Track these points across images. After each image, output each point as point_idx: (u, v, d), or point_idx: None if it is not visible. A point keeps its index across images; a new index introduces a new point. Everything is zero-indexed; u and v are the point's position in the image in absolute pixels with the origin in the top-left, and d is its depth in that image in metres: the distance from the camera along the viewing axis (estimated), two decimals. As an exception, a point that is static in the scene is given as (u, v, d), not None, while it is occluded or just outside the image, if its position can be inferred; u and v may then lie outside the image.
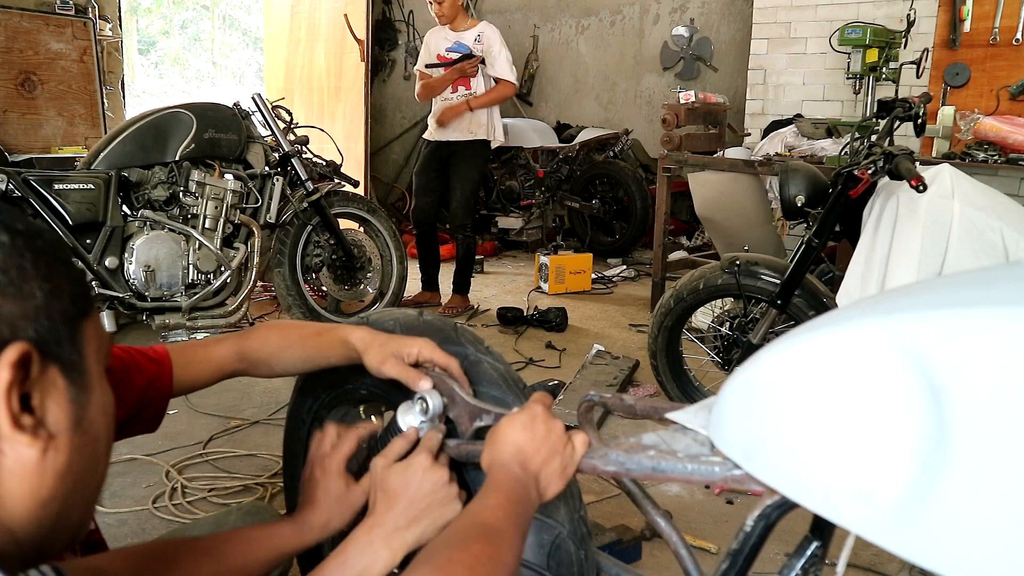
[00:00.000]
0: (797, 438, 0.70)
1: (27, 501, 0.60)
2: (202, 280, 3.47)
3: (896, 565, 1.91)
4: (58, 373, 0.61)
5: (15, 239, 0.59)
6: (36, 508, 0.60)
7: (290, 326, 1.20)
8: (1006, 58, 4.21)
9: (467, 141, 4.39)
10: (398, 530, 0.93)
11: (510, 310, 4.26)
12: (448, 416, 1.07)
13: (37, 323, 0.59)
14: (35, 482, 0.60)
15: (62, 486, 0.62)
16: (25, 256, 0.59)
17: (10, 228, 0.60)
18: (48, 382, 0.60)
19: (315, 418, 1.39)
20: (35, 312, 0.59)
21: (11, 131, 4.82)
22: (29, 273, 0.59)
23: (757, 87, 5.38)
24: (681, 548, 0.99)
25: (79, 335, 0.63)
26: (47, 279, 0.60)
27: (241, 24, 13.43)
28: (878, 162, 2.35)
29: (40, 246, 0.61)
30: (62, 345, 0.61)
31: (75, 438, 0.62)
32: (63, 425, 0.61)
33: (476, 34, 4.42)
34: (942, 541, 0.58)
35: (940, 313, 0.65)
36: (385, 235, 4.09)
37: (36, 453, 0.59)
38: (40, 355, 0.59)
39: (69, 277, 0.63)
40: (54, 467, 0.61)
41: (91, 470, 0.65)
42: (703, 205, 4.40)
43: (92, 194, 3.19)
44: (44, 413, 0.60)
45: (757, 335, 2.67)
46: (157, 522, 2.15)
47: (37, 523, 0.61)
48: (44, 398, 0.60)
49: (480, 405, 1.06)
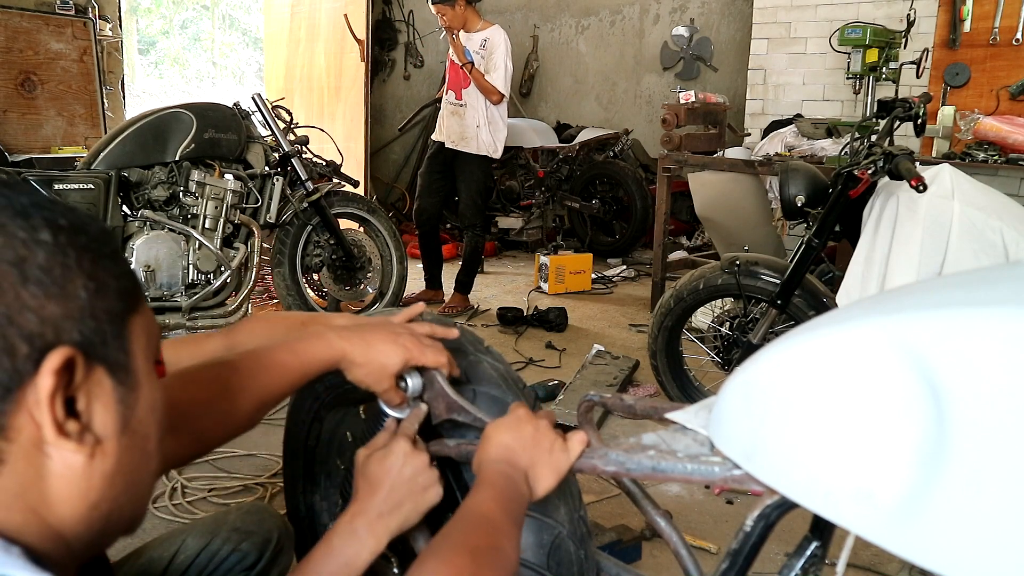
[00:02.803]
0: (797, 438, 0.70)
1: (76, 504, 0.58)
2: (202, 280, 3.47)
3: (896, 565, 1.91)
4: (104, 374, 0.59)
5: (58, 236, 0.57)
6: (86, 511, 0.59)
7: (276, 317, 1.19)
8: (1006, 58, 4.21)
9: (472, 154, 4.42)
10: (381, 516, 0.94)
11: (510, 310, 4.26)
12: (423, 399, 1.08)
13: (82, 324, 0.57)
14: (83, 486, 0.58)
15: (111, 488, 0.60)
16: (69, 254, 0.57)
17: (53, 224, 0.57)
18: (94, 384, 0.58)
19: (315, 418, 1.39)
20: (80, 312, 0.57)
21: (11, 131, 4.82)
22: (73, 271, 0.57)
23: (757, 87, 5.38)
24: (681, 548, 0.99)
25: (126, 332, 0.61)
26: (92, 276, 0.58)
27: (241, 24, 13.44)
28: (878, 162, 2.35)
29: (84, 242, 0.59)
30: (108, 345, 0.59)
31: (123, 440, 0.60)
32: (111, 428, 0.59)
33: (483, 39, 4.36)
34: (942, 541, 0.58)
35: (940, 313, 0.65)
36: (385, 235, 4.08)
37: (83, 458, 0.58)
38: (85, 357, 0.57)
39: (115, 272, 0.61)
40: (102, 470, 0.59)
41: (141, 469, 0.63)
42: (703, 205, 4.40)
43: (92, 194, 3.19)
44: (91, 417, 0.58)
45: (757, 335, 2.67)
46: (157, 522, 2.15)
47: (87, 525, 0.60)
48: (90, 401, 0.58)
49: (457, 400, 1.07)
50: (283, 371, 1.00)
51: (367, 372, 1.03)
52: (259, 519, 1.24)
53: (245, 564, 1.20)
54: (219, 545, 1.19)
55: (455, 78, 4.47)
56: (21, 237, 0.55)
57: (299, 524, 1.44)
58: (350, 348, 1.02)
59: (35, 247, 0.56)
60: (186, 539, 1.19)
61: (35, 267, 0.55)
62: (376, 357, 1.02)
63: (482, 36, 4.37)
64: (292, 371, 1.00)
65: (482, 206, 4.62)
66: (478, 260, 4.66)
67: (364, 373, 1.03)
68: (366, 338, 1.04)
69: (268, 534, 1.23)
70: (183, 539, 1.20)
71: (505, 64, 4.35)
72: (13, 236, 0.55)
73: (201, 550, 1.18)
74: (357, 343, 1.03)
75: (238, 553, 1.20)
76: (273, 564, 1.23)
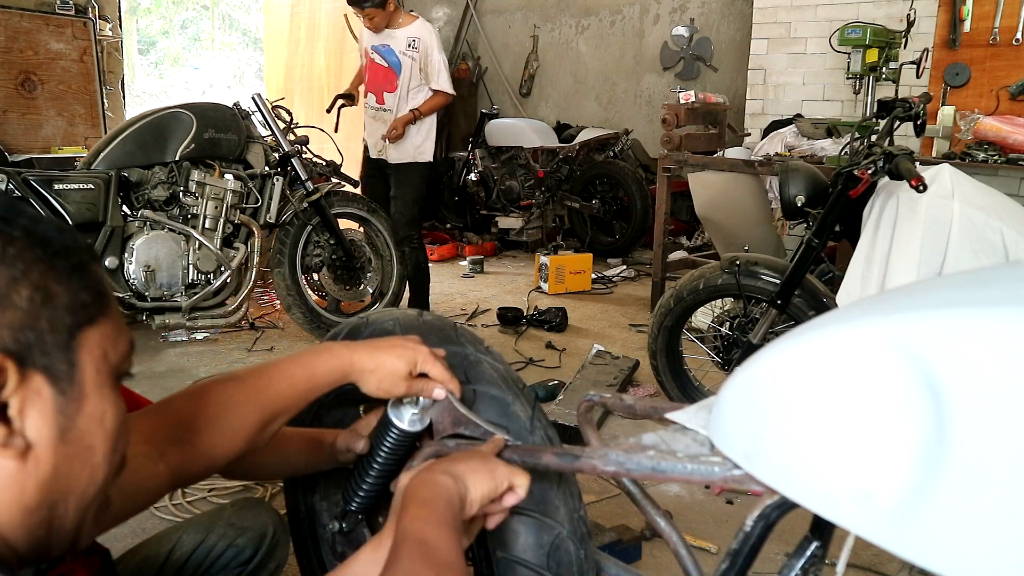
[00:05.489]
0: (797, 438, 0.70)
1: (11, 508, 0.59)
2: (202, 280, 3.47)
3: (896, 565, 1.91)
4: (44, 382, 0.60)
5: (7, 248, 0.59)
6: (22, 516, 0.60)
7: None
8: (1006, 58, 4.21)
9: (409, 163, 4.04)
10: None
11: (510, 310, 4.26)
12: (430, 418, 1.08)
13: (20, 332, 0.58)
14: (15, 490, 0.59)
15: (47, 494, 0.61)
16: (16, 265, 0.59)
17: (5, 236, 0.59)
18: (31, 392, 0.59)
19: (315, 418, 1.39)
20: (19, 322, 0.58)
21: (11, 131, 4.82)
22: (19, 282, 0.58)
23: (757, 87, 5.38)
24: (681, 548, 0.99)
25: (74, 344, 0.62)
26: (39, 287, 0.59)
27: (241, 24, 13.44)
28: (878, 162, 2.35)
29: (38, 255, 0.60)
30: (49, 355, 0.60)
31: (61, 448, 0.61)
32: (46, 436, 0.60)
33: (409, 38, 3.93)
34: (941, 541, 0.58)
35: (940, 313, 0.65)
36: (385, 235, 4.08)
37: (12, 463, 0.59)
38: (19, 365, 0.58)
39: (71, 286, 0.62)
40: (36, 476, 0.60)
41: (83, 479, 0.64)
42: (703, 205, 4.40)
43: (92, 194, 3.20)
44: (24, 422, 0.59)
45: (757, 335, 2.67)
46: (156, 522, 2.15)
47: (26, 530, 0.61)
48: (24, 407, 0.59)
49: (466, 414, 1.06)
50: (291, 384, 0.99)
51: (380, 378, 1.02)
52: (254, 514, 1.24)
53: (241, 559, 1.20)
54: (215, 540, 1.19)
55: (376, 79, 4.03)
56: None
57: (299, 524, 1.44)
58: (357, 357, 1.02)
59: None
60: (182, 535, 1.20)
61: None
62: (384, 362, 1.02)
63: (407, 34, 3.93)
64: (300, 384, 1.00)
65: (417, 216, 4.15)
66: (425, 277, 4.20)
67: (377, 379, 1.02)
68: (371, 345, 1.04)
69: (263, 529, 1.23)
70: (179, 535, 1.20)
71: (444, 63, 3.97)
72: None
73: (197, 546, 1.18)
74: (363, 351, 1.02)
75: (234, 548, 1.20)
76: (269, 558, 1.23)
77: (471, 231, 6.55)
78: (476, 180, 6.43)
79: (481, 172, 6.43)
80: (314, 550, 1.40)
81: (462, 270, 5.71)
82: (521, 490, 0.91)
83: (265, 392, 0.97)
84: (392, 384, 1.02)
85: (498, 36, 7.73)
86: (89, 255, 0.65)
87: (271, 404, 0.98)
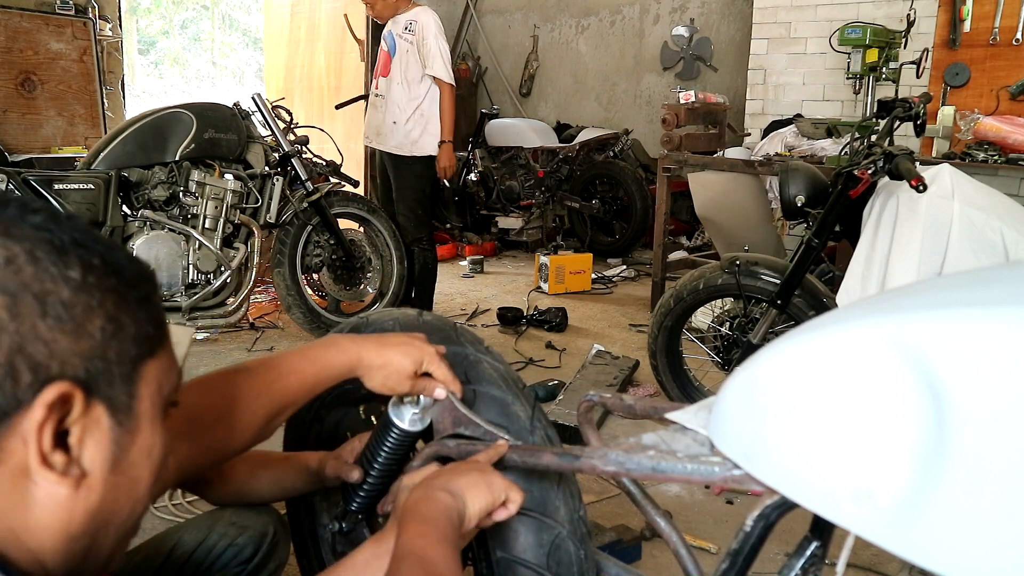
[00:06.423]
0: (797, 438, 0.70)
1: (56, 534, 0.60)
2: (202, 280, 3.47)
3: (896, 565, 1.91)
4: (104, 412, 0.60)
5: (87, 276, 0.59)
6: (65, 542, 0.60)
7: None
8: (1006, 58, 4.21)
9: (401, 155, 3.90)
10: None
11: (510, 310, 4.26)
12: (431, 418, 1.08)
13: (90, 362, 0.59)
14: (64, 517, 0.60)
15: (92, 523, 0.61)
16: (93, 295, 0.59)
17: (85, 264, 0.59)
18: (91, 421, 0.60)
19: (315, 418, 1.39)
20: (91, 351, 0.59)
21: (11, 131, 4.82)
22: (94, 311, 0.59)
23: (757, 87, 5.38)
24: (681, 548, 0.99)
25: (136, 376, 0.62)
26: (112, 319, 0.60)
27: (241, 24, 13.44)
28: (878, 162, 2.35)
29: (112, 284, 0.60)
30: (113, 386, 0.60)
31: (111, 478, 0.62)
32: (99, 465, 0.61)
33: (407, 21, 3.81)
34: (941, 541, 0.58)
35: (940, 313, 0.65)
36: (385, 235, 4.08)
37: (66, 490, 0.59)
38: (86, 394, 0.58)
39: (139, 317, 0.62)
40: (85, 505, 0.60)
41: (126, 509, 0.64)
42: (703, 205, 4.40)
43: (92, 194, 3.19)
44: (81, 452, 0.60)
45: (757, 335, 2.67)
46: (157, 522, 2.15)
47: (65, 555, 0.61)
48: (84, 437, 0.60)
49: (467, 414, 1.06)
50: (299, 378, 1.00)
51: (386, 375, 1.03)
52: (255, 513, 1.24)
53: (241, 558, 1.20)
54: (215, 540, 1.19)
55: (379, 66, 3.94)
56: (51, 272, 0.58)
57: (299, 524, 1.44)
58: (365, 352, 1.03)
59: (62, 283, 0.58)
60: (182, 535, 1.19)
61: (57, 302, 0.57)
62: (392, 359, 1.03)
63: (407, 18, 3.83)
64: (308, 378, 1.00)
65: (424, 216, 3.99)
66: (432, 278, 4.08)
67: (383, 376, 1.03)
68: (379, 341, 1.05)
69: (264, 528, 1.23)
70: (179, 535, 1.19)
71: (440, 49, 3.79)
72: (45, 270, 0.57)
73: (198, 545, 1.18)
74: (371, 347, 1.03)
75: (234, 547, 1.19)
76: (269, 558, 1.23)
77: (471, 231, 6.55)
78: (476, 180, 6.43)
79: (481, 172, 6.43)
80: (314, 550, 1.40)
81: (462, 270, 5.71)
82: (514, 506, 0.93)
83: (274, 386, 0.98)
84: (397, 382, 1.03)
85: (498, 36, 7.73)
86: (153, 285, 0.66)
87: (279, 398, 0.98)
